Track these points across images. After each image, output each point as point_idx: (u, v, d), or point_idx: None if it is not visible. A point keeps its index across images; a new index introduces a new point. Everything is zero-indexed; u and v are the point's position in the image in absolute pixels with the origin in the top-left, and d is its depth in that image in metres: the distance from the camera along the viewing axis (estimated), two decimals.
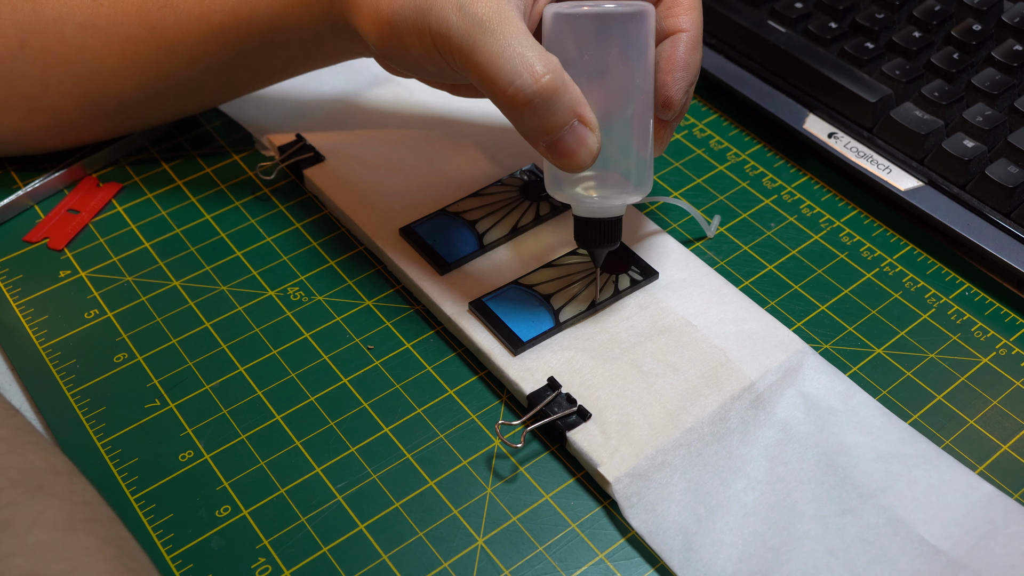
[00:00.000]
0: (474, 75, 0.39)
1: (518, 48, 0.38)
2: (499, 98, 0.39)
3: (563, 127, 0.39)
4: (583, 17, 0.41)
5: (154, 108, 0.51)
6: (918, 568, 0.38)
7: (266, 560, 0.39)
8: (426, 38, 0.40)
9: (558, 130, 0.39)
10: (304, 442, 0.42)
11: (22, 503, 0.32)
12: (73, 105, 0.49)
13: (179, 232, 0.51)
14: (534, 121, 0.39)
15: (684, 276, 0.47)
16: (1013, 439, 0.43)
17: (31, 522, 0.31)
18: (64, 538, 0.31)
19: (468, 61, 0.39)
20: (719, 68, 0.58)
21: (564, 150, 0.39)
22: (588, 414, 0.42)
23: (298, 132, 0.53)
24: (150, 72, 0.48)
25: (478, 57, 0.38)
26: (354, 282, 0.49)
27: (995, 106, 0.53)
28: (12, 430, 0.35)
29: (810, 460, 0.41)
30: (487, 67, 0.38)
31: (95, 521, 0.33)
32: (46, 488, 0.33)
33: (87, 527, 0.32)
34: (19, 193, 0.51)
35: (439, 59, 0.41)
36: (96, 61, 0.47)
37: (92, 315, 0.47)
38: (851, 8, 0.58)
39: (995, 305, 0.48)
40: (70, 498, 0.33)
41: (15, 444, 0.34)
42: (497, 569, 0.39)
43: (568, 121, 0.39)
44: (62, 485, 0.33)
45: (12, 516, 0.31)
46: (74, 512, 0.33)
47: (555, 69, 0.38)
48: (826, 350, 0.46)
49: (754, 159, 0.55)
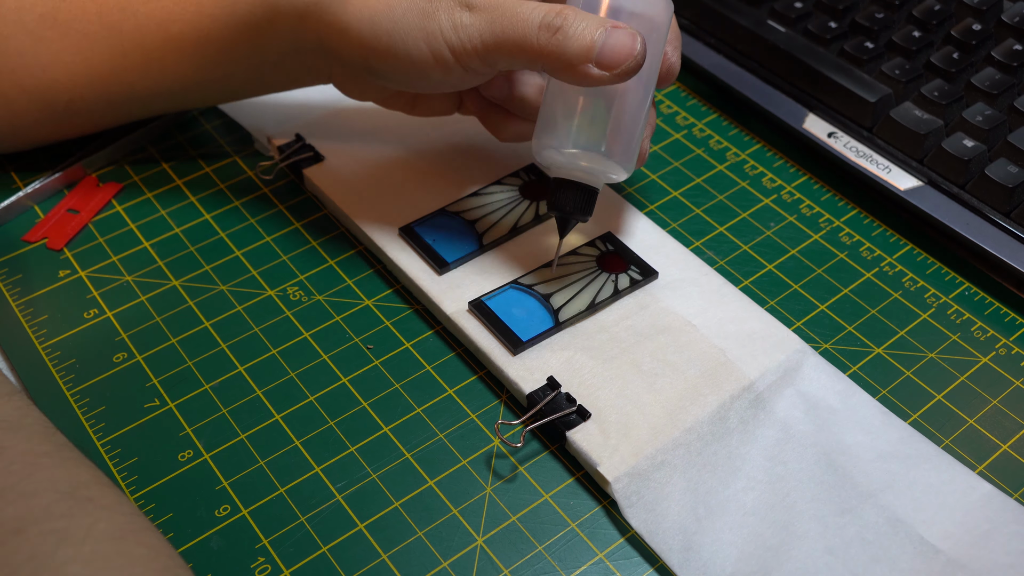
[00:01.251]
0: (498, 50, 0.41)
1: (527, 4, 0.41)
2: (532, 48, 0.41)
3: (598, 34, 0.40)
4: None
5: (104, 111, 0.50)
6: (917, 567, 0.38)
7: (266, 560, 0.39)
8: (437, 42, 0.41)
9: (595, 41, 0.40)
10: (303, 442, 0.42)
11: (75, 514, 0.32)
12: (25, 98, 0.49)
13: (179, 232, 0.51)
14: (576, 42, 0.40)
15: (684, 276, 0.47)
16: (1013, 439, 0.43)
17: (85, 533, 0.32)
18: (118, 548, 0.32)
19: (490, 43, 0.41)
20: (719, 68, 0.58)
21: (613, 52, 0.40)
22: (588, 414, 0.42)
23: (298, 132, 0.53)
24: (103, 73, 0.48)
25: (498, 33, 0.41)
26: (354, 282, 0.49)
27: (995, 106, 0.53)
28: (55, 446, 0.36)
29: (810, 460, 0.41)
30: (510, 33, 0.41)
31: (143, 531, 0.33)
32: (95, 500, 0.33)
33: (137, 538, 0.33)
34: (20, 194, 0.51)
35: (449, 59, 0.42)
36: (51, 55, 0.47)
37: (92, 315, 0.47)
38: (851, 8, 0.58)
39: (995, 305, 0.48)
40: (119, 509, 0.34)
41: (60, 459, 0.35)
42: (497, 569, 0.39)
43: (602, 26, 0.40)
44: (110, 496, 0.34)
45: (68, 526, 0.32)
46: (124, 523, 0.33)
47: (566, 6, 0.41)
48: (826, 350, 0.46)
49: (754, 159, 0.55)
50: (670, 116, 0.58)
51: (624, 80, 0.41)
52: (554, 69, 0.41)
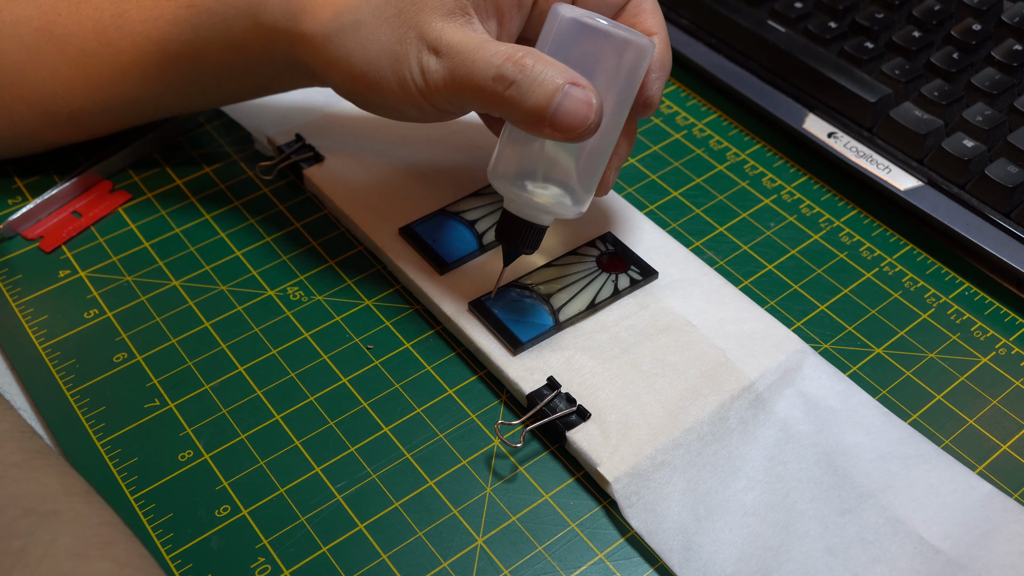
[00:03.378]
0: (460, 95, 0.41)
1: (491, 50, 0.40)
2: (490, 96, 0.40)
3: (556, 93, 0.39)
4: (598, 32, 0.40)
5: (106, 120, 0.50)
6: (917, 568, 0.38)
7: (266, 560, 0.39)
8: (407, 84, 0.42)
9: (551, 98, 0.39)
10: (304, 442, 0.42)
11: (35, 532, 0.32)
12: (26, 109, 0.49)
13: (179, 232, 0.51)
14: (530, 101, 0.39)
15: (684, 276, 0.47)
16: (1013, 439, 0.43)
17: (44, 551, 0.31)
18: (77, 567, 0.31)
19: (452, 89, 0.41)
20: (719, 68, 0.58)
21: (567, 116, 0.39)
22: (588, 414, 0.42)
23: (298, 132, 0.53)
24: (103, 87, 0.48)
25: (459, 79, 0.40)
26: (354, 282, 0.49)
27: (995, 106, 0.53)
28: (27, 455, 0.35)
29: (810, 460, 0.41)
30: (468, 79, 0.40)
31: (111, 544, 0.33)
32: (60, 514, 0.33)
33: (102, 552, 0.32)
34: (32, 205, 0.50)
35: (420, 100, 0.42)
36: (49, 68, 0.47)
37: (92, 315, 0.47)
38: (851, 8, 0.58)
39: (995, 305, 0.48)
40: (86, 521, 0.33)
41: (29, 469, 0.34)
42: (497, 569, 0.39)
43: (558, 87, 0.39)
44: (77, 508, 0.33)
45: (25, 546, 0.31)
46: (89, 537, 0.32)
47: (530, 50, 0.40)
48: (826, 350, 0.46)
49: (754, 159, 0.55)
50: (670, 116, 0.58)
51: (579, 142, 0.40)
52: (511, 120, 0.41)
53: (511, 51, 0.40)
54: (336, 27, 0.42)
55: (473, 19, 0.41)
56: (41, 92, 0.48)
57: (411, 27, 0.41)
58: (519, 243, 0.44)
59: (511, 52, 0.40)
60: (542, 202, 0.42)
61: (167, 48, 0.46)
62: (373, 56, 0.42)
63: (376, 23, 0.41)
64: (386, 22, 0.41)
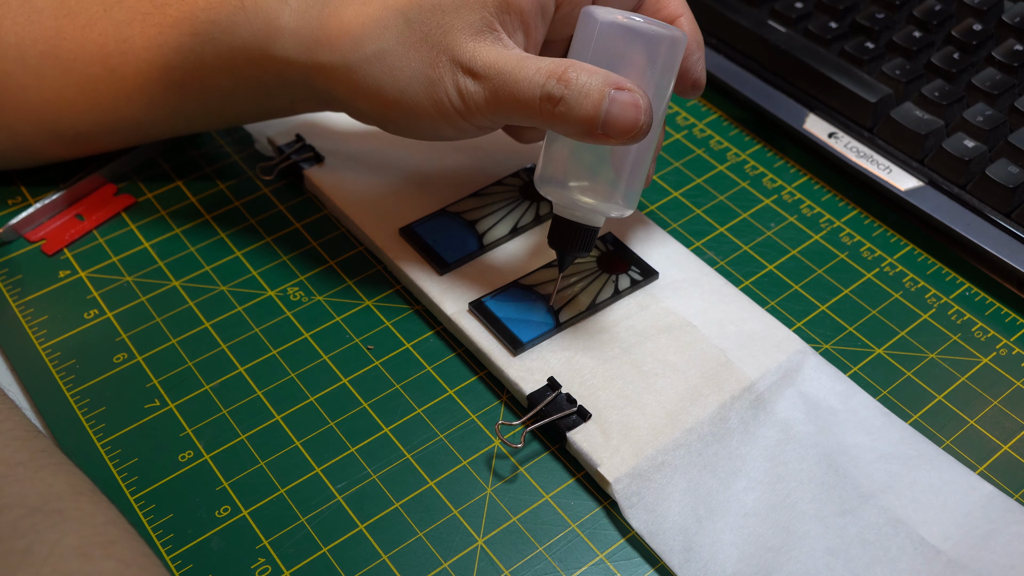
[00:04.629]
0: (505, 115, 0.41)
1: (531, 67, 0.40)
2: (538, 114, 0.40)
3: (602, 101, 0.39)
4: (630, 30, 0.41)
5: (111, 140, 0.50)
6: (918, 568, 0.38)
7: (266, 560, 0.39)
8: (445, 108, 0.41)
9: (599, 107, 0.39)
10: (304, 442, 0.42)
11: (41, 531, 0.32)
12: (31, 129, 0.49)
13: (179, 232, 0.51)
14: (579, 113, 0.39)
15: (684, 276, 0.47)
16: (1013, 439, 0.43)
17: (49, 551, 0.31)
18: (82, 566, 0.31)
19: (496, 109, 0.41)
20: (719, 68, 0.58)
21: (618, 121, 0.39)
22: (588, 414, 0.42)
23: (298, 132, 0.53)
24: (107, 111, 0.48)
25: (502, 101, 0.40)
26: (354, 282, 0.49)
27: (995, 106, 0.53)
28: (32, 453, 0.35)
29: (810, 460, 0.41)
30: (513, 100, 0.40)
31: (115, 543, 0.33)
32: (65, 513, 0.33)
33: (106, 551, 0.32)
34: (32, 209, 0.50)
35: (459, 121, 0.42)
36: (55, 92, 0.47)
37: (92, 315, 0.47)
38: (851, 8, 0.58)
39: (995, 305, 0.48)
40: (91, 521, 0.33)
41: (34, 468, 0.34)
42: (497, 569, 0.39)
43: (604, 94, 0.39)
44: (82, 508, 0.33)
45: (31, 545, 0.31)
46: (94, 535, 0.32)
47: (570, 63, 0.40)
48: (826, 350, 0.46)
49: (754, 159, 0.55)
50: (670, 116, 0.58)
51: (633, 143, 0.40)
52: (562, 133, 0.41)
53: (553, 67, 0.39)
54: (359, 57, 0.42)
55: (501, 34, 0.41)
56: (46, 114, 0.48)
57: (441, 50, 0.41)
58: (574, 246, 0.43)
59: (553, 68, 0.39)
60: (591, 201, 0.42)
61: (171, 75, 0.46)
62: (405, 84, 0.41)
63: (402, 50, 0.41)
64: (413, 47, 0.41)
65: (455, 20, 0.40)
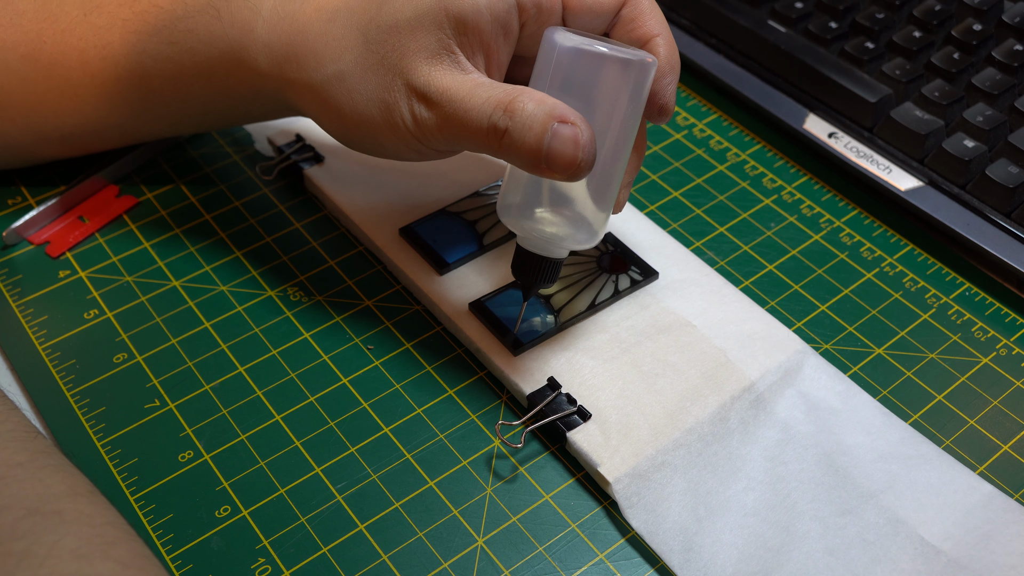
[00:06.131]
0: (457, 143, 0.40)
1: (481, 96, 0.39)
2: (487, 145, 0.39)
3: (544, 135, 0.37)
4: (590, 55, 0.39)
5: (98, 141, 0.50)
6: (918, 568, 0.38)
7: (266, 560, 0.39)
8: (401, 132, 0.41)
9: (542, 141, 0.37)
10: (304, 442, 0.42)
11: (39, 532, 0.32)
12: (18, 131, 0.49)
13: (179, 232, 0.51)
14: (522, 147, 0.38)
15: (684, 276, 0.47)
16: (1013, 439, 0.43)
17: (47, 552, 0.31)
18: (81, 568, 0.31)
19: (447, 134, 0.40)
20: (719, 68, 0.58)
21: (557, 158, 0.37)
22: (588, 414, 0.42)
23: (298, 132, 0.53)
24: (90, 115, 0.48)
25: (453, 130, 0.39)
26: (354, 282, 0.49)
27: (995, 106, 0.53)
28: (31, 454, 0.35)
29: (810, 460, 0.41)
30: (463, 129, 0.39)
31: (114, 544, 0.33)
32: (64, 514, 0.33)
33: (105, 552, 0.32)
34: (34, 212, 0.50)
35: (417, 145, 0.41)
36: (37, 95, 0.47)
37: (92, 315, 0.47)
38: (851, 8, 0.58)
39: (995, 305, 0.48)
40: (89, 522, 0.33)
41: (33, 469, 0.34)
42: (497, 569, 0.39)
43: (547, 127, 0.37)
44: (81, 509, 0.33)
45: (29, 546, 0.31)
46: (93, 537, 0.32)
47: (521, 91, 0.38)
48: (826, 350, 0.46)
49: (754, 159, 0.55)
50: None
51: (575, 180, 0.38)
52: (514, 164, 0.39)
53: (502, 96, 0.38)
54: (321, 78, 0.41)
55: (459, 57, 0.40)
56: (31, 116, 0.48)
57: (396, 74, 0.40)
58: (535, 279, 0.42)
59: (502, 98, 0.38)
60: (554, 232, 0.41)
61: (151, 83, 0.46)
62: (362, 107, 0.41)
63: (360, 72, 0.41)
64: (370, 70, 0.40)
65: (411, 43, 0.40)
